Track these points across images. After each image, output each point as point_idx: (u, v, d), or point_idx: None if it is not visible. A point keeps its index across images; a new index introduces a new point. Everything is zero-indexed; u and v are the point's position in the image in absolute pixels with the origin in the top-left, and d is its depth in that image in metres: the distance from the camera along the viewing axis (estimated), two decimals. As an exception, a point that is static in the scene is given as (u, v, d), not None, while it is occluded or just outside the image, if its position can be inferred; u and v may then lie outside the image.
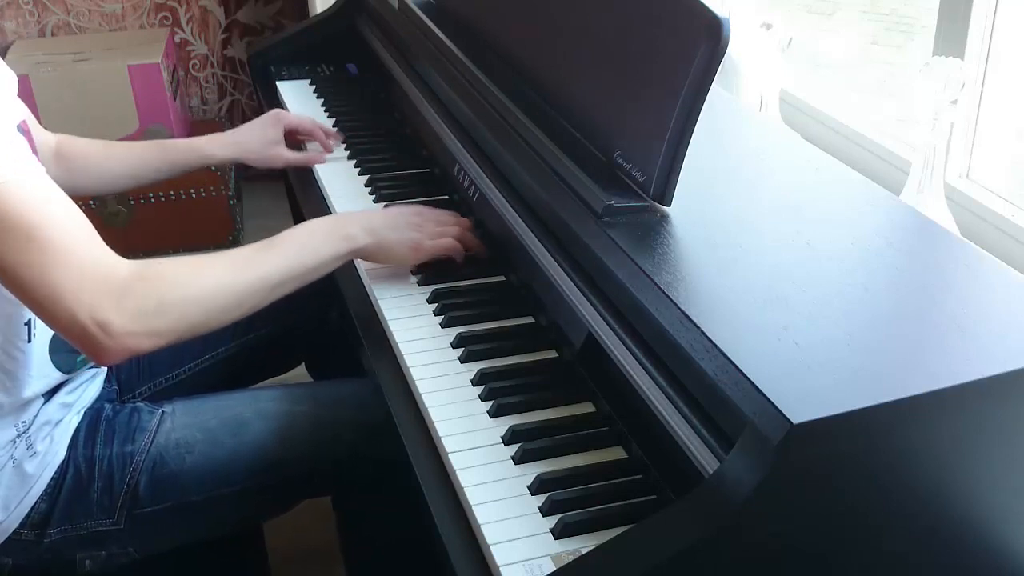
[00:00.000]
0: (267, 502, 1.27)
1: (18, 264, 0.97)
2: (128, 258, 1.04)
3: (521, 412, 1.03)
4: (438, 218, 1.28)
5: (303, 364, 1.60)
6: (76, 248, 0.99)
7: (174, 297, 1.03)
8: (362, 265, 1.29)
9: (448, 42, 1.49)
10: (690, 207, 1.07)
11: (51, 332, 1.16)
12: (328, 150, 1.59)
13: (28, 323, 1.13)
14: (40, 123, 1.37)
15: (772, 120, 1.58)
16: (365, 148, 1.61)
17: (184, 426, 1.21)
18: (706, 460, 0.84)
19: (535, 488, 0.93)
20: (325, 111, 1.76)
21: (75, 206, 1.03)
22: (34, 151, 1.09)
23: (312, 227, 1.18)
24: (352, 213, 1.27)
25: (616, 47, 1.15)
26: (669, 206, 1.06)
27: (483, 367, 1.09)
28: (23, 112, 1.15)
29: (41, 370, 1.15)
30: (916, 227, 1.08)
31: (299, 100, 1.80)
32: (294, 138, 1.61)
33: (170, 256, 1.47)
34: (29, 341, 1.13)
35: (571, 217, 1.07)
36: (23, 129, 1.08)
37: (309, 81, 1.88)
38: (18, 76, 1.18)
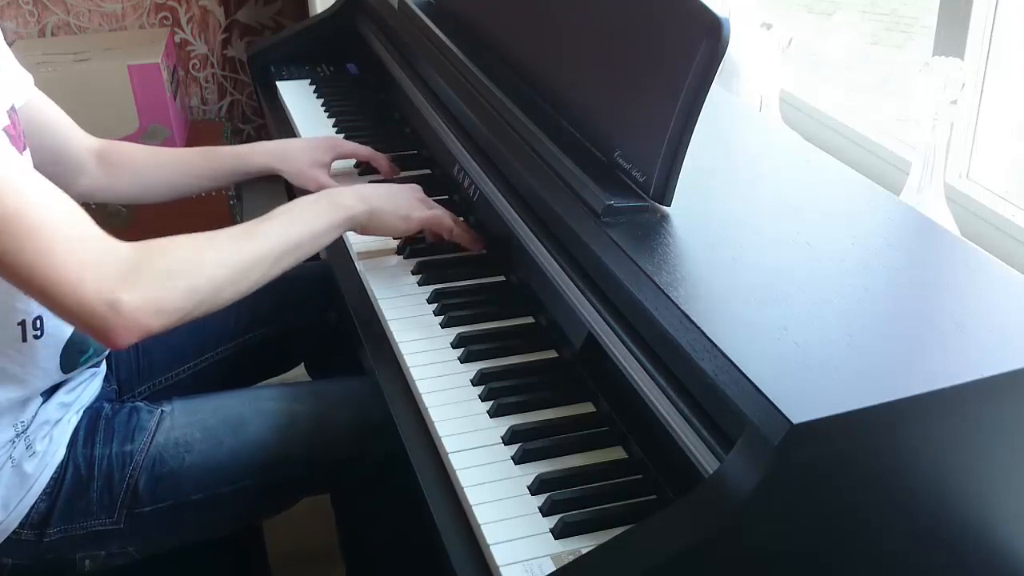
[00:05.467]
0: (267, 501, 1.27)
1: (15, 254, 0.94)
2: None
3: (521, 412, 1.03)
4: (426, 198, 1.31)
5: (303, 364, 1.60)
6: (74, 231, 0.97)
7: (180, 270, 1.01)
8: (362, 265, 1.29)
9: (448, 42, 1.49)
10: (690, 207, 1.07)
11: (61, 334, 1.16)
12: (391, 175, 1.52)
13: (22, 323, 1.12)
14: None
15: (772, 120, 1.58)
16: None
17: (184, 425, 1.21)
18: (706, 460, 0.84)
19: (535, 488, 0.93)
20: (325, 111, 1.76)
21: (67, 196, 1.00)
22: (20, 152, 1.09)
23: (306, 199, 1.19)
24: (346, 187, 1.27)
25: (616, 47, 1.15)
26: (669, 206, 1.06)
27: (483, 367, 1.09)
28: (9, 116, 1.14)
29: (42, 370, 1.15)
30: (916, 227, 1.08)
31: (299, 100, 1.80)
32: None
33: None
34: (25, 340, 1.13)
35: (571, 217, 1.07)
36: (9, 134, 1.07)
37: (309, 81, 1.88)
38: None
